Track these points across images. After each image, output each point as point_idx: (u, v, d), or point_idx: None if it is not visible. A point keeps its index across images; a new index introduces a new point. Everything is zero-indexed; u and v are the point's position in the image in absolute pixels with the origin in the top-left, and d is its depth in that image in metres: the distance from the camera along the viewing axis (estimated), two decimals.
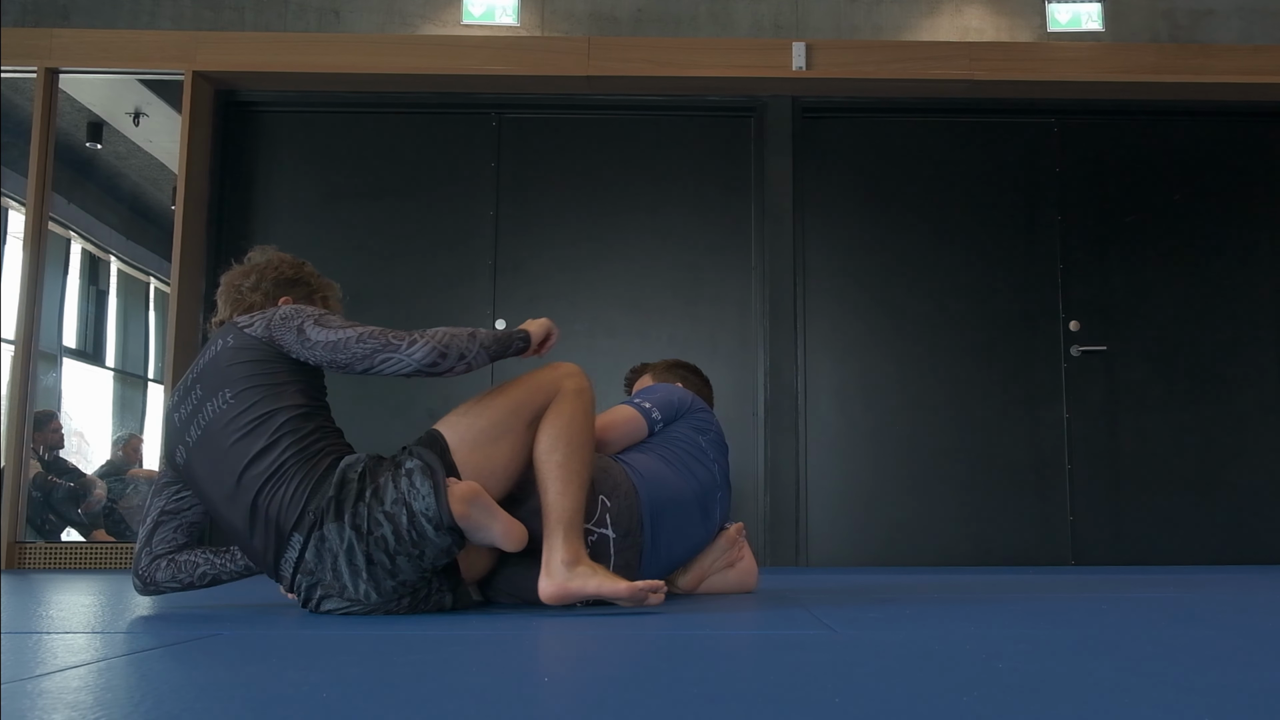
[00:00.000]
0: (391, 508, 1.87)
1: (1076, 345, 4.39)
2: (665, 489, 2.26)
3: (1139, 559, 4.28)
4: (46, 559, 3.97)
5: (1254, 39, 4.59)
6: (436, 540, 1.88)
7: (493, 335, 2.09)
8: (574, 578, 1.93)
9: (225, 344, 2.02)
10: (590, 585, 1.93)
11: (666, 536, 2.25)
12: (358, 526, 1.86)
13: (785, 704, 1.00)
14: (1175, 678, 1.18)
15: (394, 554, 1.87)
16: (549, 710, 0.98)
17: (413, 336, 2.00)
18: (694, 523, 2.34)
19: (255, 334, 2.01)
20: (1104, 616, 1.94)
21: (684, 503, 2.29)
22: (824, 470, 4.33)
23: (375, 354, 1.99)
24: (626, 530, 2.16)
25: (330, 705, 1.00)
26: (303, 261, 2.34)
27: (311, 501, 1.87)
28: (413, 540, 1.87)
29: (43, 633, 1.69)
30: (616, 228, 4.47)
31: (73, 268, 4.36)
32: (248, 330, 2.02)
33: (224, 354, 2.00)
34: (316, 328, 2.00)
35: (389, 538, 1.86)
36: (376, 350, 1.99)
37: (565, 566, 1.94)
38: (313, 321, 2.01)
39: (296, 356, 2.01)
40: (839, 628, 1.72)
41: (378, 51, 4.33)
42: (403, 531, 1.86)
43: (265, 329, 2.01)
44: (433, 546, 1.89)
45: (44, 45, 4.21)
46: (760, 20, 4.61)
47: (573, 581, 1.93)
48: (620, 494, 2.17)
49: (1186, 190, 4.52)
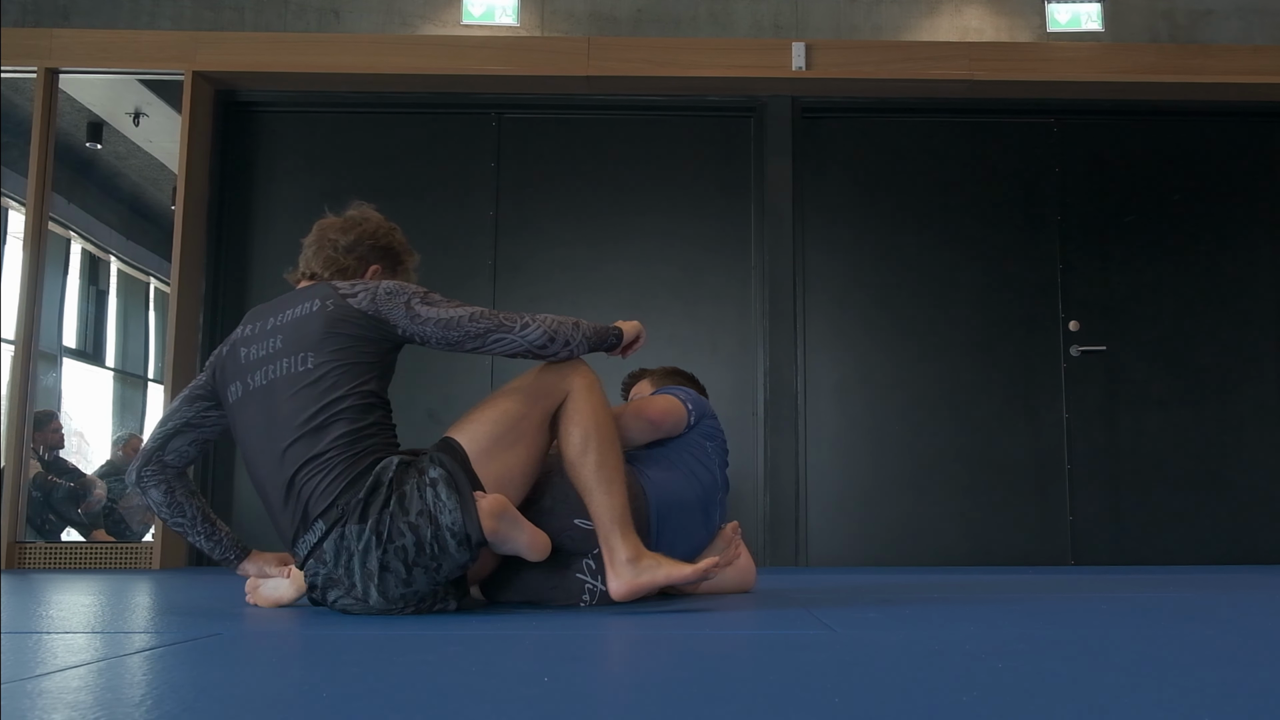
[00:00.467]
0: (416, 519, 1.85)
1: (1076, 345, 4.39)
2: (671, 492, 2.28)
3: (1138, 559, 4.28)
4: (46, 559, 3.97)
5: (1253, 39, 4.59)
6: (457, 555, 1.88)
7: (593, 327, 2.13)
8: (642, 572, 1.98)
9: (325, 307, 2.00)
10: (660, 576, 1.99)
11: (670, 538, 2.27)
12: (379, 532, 1.85)
13: (785, 704, 1.00)
14: (1175, 678, 1.18)
15: (411, 565, 1.87)
16: (549, 710, 0.98)
17: (525, 319, 2.05)
18: (696, 524, 2.36)
19: (360, 306, 2.00)
20: (1103, 616, 1.94)
21: (688, 505, 2.32)
22: (823, 470, 4.33)
23: (488, 334, 2.04)
24: (638, 533, 2.17)
25: (330, 705, 1.00)
26: (394, 227, 2.35)
27: (343, 497, 1.87)
28: (433, 554, 1.86)
29: (43, 633, 1.69)
30: (616, 228, 4.47)
31: (73, 268, 4.36)
32: (351, 300, 2.01)
33: (320, 317, 1.99)
34: (425, 305, 2.03)
35: (409, 548, 1.85)
36: (490, 330, 2.04)
37: (630, 564, 1.99)
38: (419, 299, 2.04)
39: (402, 332, 2.01)
40: (838, 628, 1.72)
41: (377, 51, 4.33)
42: (425, 544, 1.86)
43: (371, 303, 2.01)
44: (451, 561, 1.89)
45: (44, 45, 4.21)
46: (760, 20, 4.61)
47: (641, 576, 1.98)
48: (630, 496, 2.18)
49: (1186, 190, 4.52)
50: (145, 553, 4.00)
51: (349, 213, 2.34)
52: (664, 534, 2.24)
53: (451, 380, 4.28)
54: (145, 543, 4.05)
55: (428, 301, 2.03)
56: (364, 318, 1.99)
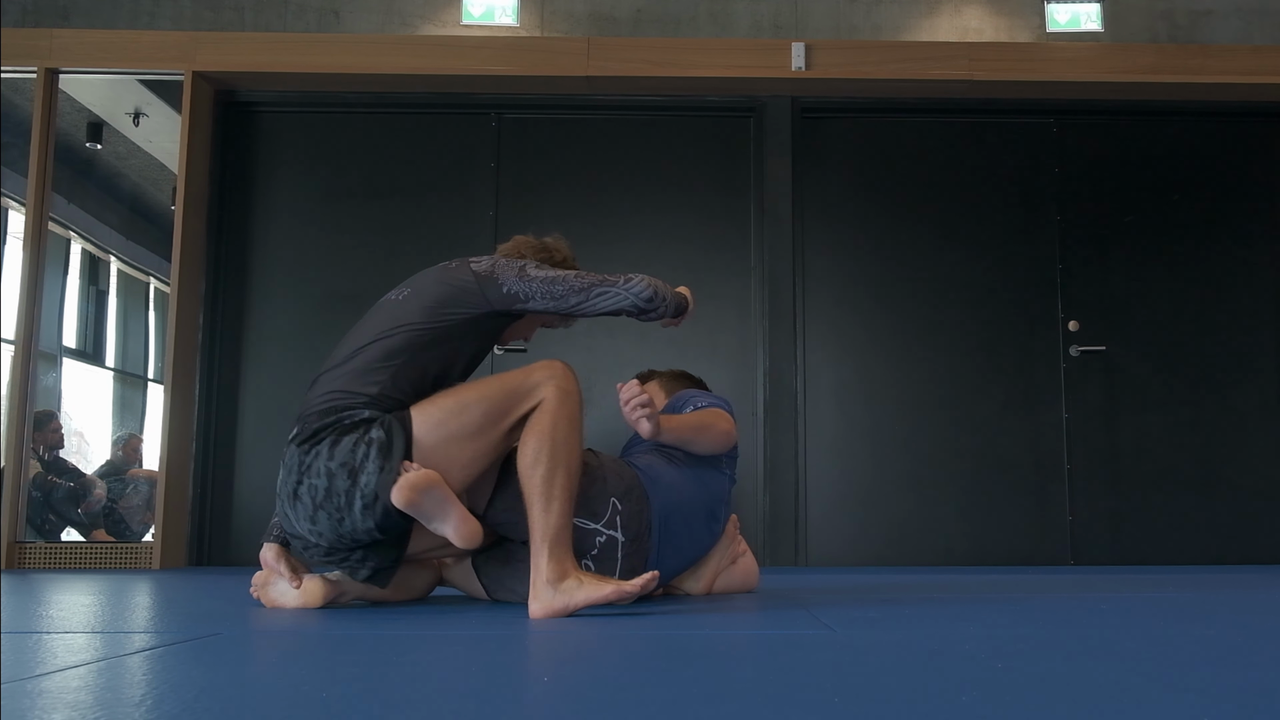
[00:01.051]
0: (337, 468, 1.94)
1: (1075, 345, 4.39)
2: (676, 496, 2.27)
3: (1138, 559, 4.28)
4: (46, 559, 3.97)
5: (1253, 39, 4.59)
6: (360, 517, 1.94)
7: (673, 291, 2.23)
8: (559, 595, 1.94)
9: (448, 265, 2.20)
10: (577, 599, 1.93)
11: (674, 543, 2.27)
12: (302, 462, 1.97)
13: (785, 703, 1.00)
14: (1174, 677, 1.18)
15: (318, 506, 1.96)
16: (549, 710, 0.98)
17: (629, 275, 2.15)
18: (701, 528, 2.36)
19: (478, 269, 2.13)
20: (1103, 616, 1.94)
21: (693, 510, 2.31)
22: (823, 470, 4.33)
23: (592, 288, 2.13)
24: (635, 535, 2.17)
25: (330, 705, 1.00)
26: (571, 254, 2.48)
27: (312, 420, 1.99)
28: (338, 505, 1.94)
29: (43, 633, 1.69)
30: (616, 228, 4.47)
31: (73, 268, 4.36)
32: (473, 264, 2.16)
33: (440, 270, 2.19)
34: (537, 269, 2.14)
35: (319, 489, 1.95)
36: (593, 285, 2.13)
37: (550, 586, 1.94)
38: (534, 265, 2.16)
39: (508, 290, 2.11)
40: (838, 627, 1.73)
41: (377, 52, 4.33)
42: (335, 493, 1.94)
43: (490, 266, 2.14)
44: (354, 519, 1.94)
45: (44, 45, 4.21)
46: (760, 20, 4.62)
47: (557, 600, 1.93)
48: (633, 499, 2.19)
49: (1185, 190, 4.52)
50: (145, 553, 4.00)
51: (545, 237, 2.47)
52: (666, 539, 2.24)
53: None
54: (145, 543, 4.05)
55: (542, 267, 2.16)
56: (476, 278, 2.11)
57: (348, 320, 4.45)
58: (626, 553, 2.16)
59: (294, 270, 4.42)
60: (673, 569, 2.35)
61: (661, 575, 2.28)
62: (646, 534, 2.18)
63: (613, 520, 2.15)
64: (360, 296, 4.35)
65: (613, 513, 2.15)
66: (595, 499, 2.14)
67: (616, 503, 2.16)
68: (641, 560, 2.19)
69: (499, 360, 4.35)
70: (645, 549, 2.19)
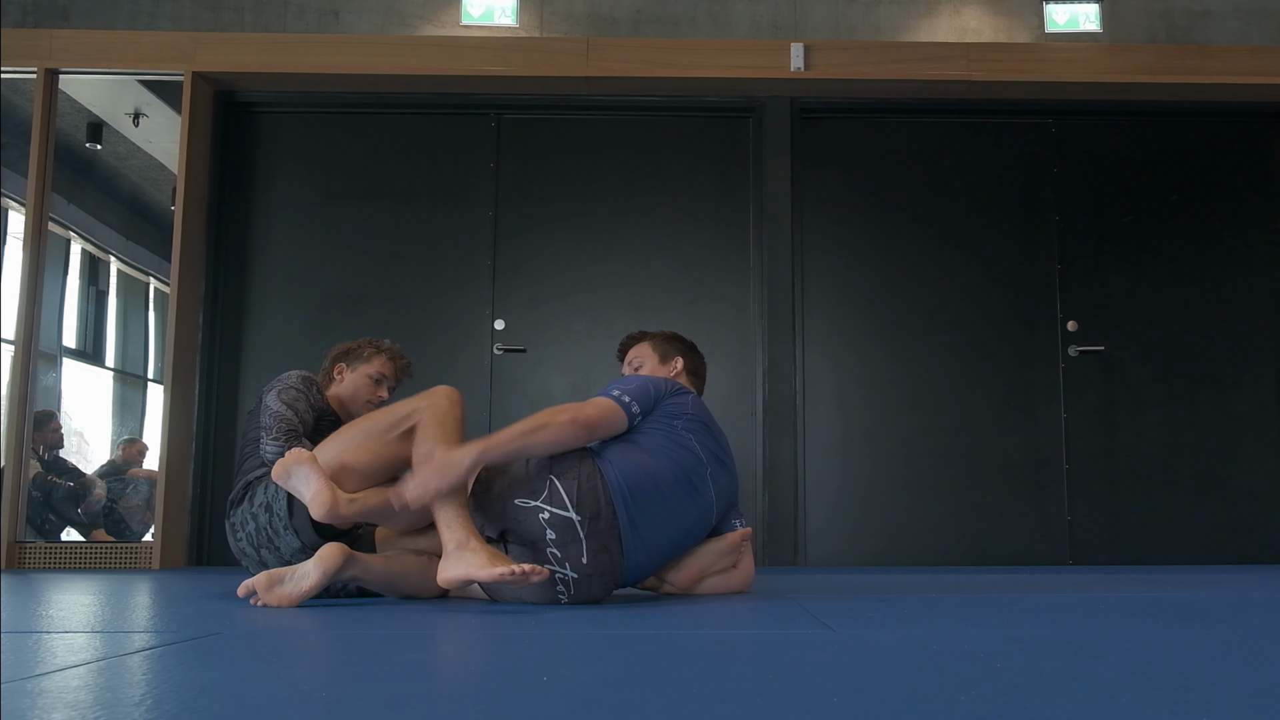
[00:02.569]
0: (257, 509, 2.40)
1: (1074, 345, 4.40)
2: (639, 470, 2.22)
3: (1136, 559, 4.29)
4: (46, 559, 3.97)
5: (1251, 40, 4.60)
6: (286, 537, 2.35)
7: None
8: (459, 563, 2.06)
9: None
10: (475, 571, 2.04)
11: (651, 518, 2.22)
12: (232, 523, 2.46)
13: (784, 703, 1.01)
14: (1172, 677, 1.19)
15: (259, 547, 2.40)
16: (549, 710, 0.98)
17: (276, 438, 2.56)
18: (682, 501, 2.29)
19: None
20: (1101, 616, 1.95)
21: (666, 483, 2.25)
22: (822, 470, 4.33)
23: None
24: (595, 513, 2.14)
25: (330, 705, 1.00)
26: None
27: (234, 493, 2.50)
28: (268, 536, 2.38)
29: (43, 632, 1.70)
30: (615, 228, 4.47)
31: (73, 268, 4.36)
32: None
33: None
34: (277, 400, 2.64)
35: (253, 534, 2.40)
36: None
37: (455, 553, 2.08)
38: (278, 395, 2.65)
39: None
40: (837, 627, 1.73)
41: (377, 52, 4.33)
42: (262, 528, 2.38)
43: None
44: (284, 541, 2.36)
45: (44, 46, 4.21)
46: (759, 21, 4.62)
47: (458, 568, 2.06)
48: (578, 475, 2.17)
49: (1184, 190, 4.52)
50: (145, 552, 4.01)
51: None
52: (639, 514, 2.19)
53: (452, 381, 4.28)
54: (145, 542, 4.05)
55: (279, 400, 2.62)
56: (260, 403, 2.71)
57: (347, 320, 4.48)
58: (591, 531, 2.13)
59: (294, 270, 4.42)
60: (662, 545, 2.29)
61: (649, 553, 2.25)
62: (609, 510, 2.15)
63: (556, 498, 2.14)
64: (360, 296, 4.36)
65: (552, 490, 2.14)
66: (533, 477, 2.18)
67: (555, 480, 2.16)
68: (613, 537, 2.15)
69: (498, 361, 4.35)
70: (613, 526, 2.15)
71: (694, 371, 2.74)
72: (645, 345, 2.74)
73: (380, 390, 2.84)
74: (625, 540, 2.17)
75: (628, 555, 2.19)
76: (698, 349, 2.78)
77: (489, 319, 4.38)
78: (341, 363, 2.85)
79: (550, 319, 4.41)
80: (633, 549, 2.19)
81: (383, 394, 2.84)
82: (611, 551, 2.15)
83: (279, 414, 2.57)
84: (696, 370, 2.75)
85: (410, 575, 2.33)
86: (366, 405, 2.80)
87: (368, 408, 2.79)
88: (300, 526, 2.35)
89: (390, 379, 2.86)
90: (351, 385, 2.82)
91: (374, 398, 2.82)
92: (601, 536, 2.14)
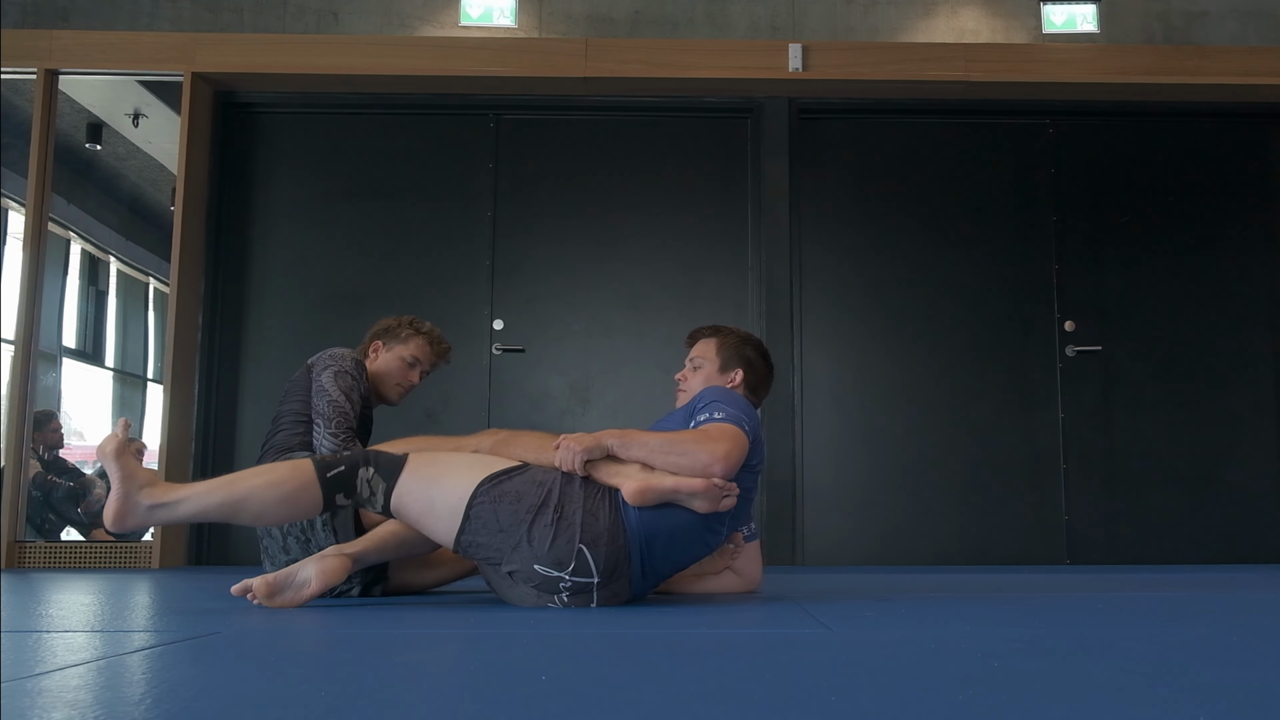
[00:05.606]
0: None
1: (1072, 345, 4.40)
2: (664, 518, 2.12)
3: (1134, 558, 4.29)
4: (46, 558, 3.97)
5: (1248, 40, 4.60)
6: (323, 535, 2.36)
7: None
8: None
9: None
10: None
11: (662, 561, 2.17)
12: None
13: (782, 702, 1.01)
14: (1169, 676, 1.19)
15: (286, 534, 2.42)
16: (548, 710, 0.98)
17: (333, 431, 2.54)
18: (695, 541, 2.21)
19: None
20: (1099, 615, 1.95)
21: (684, 528, 2.15)
22: (820, 470, 4.34)
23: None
24: (613, 569, 2.10)
25: (330, 705, 1.01)
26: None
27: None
28: (301, 528, 2.40)
29: (43, 632, 1.70)
30: (614, 228, 4.47)
31: (72, 268, 4.37)
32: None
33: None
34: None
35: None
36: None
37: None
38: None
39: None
40: (835, 626, 1.73)
41: (376, 53, 4.33)
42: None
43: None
44: (320, 538, 2.36)
45: (44, 46, 4.22)
46: (757, 22, 4.62)
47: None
48: (606, 540, 2.08)
49: (1181, 191, 4.53)
50: (145, 552, 4.01)
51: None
52: (649, 560, 2.14)
53: (450, 382, 4.28)
54: (145, 542, 4.06)
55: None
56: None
57: (346, 320, 4.48)
58: (604, 583, 2.10)
59: (293, 270, 4.42)
60: (665, 575, 2.26)
61: (654, 583, 2.24)
62: (626, 563, 2.10)
63: (582, 567, 2.07)
64: (359, 296, 4.36)
65: (580, 560, 2.06)
66: (562, 548, 2.05)
67: (585, 550, 2.07)
68: (625, 584, 2.13)
69: (496, 361, 4.36)
70: (626, 573, 2.12)
71: (754, 387, 2.49)
72: (711, 344, 2.51)
73: (412, 374, 2.76)
74: (634, 583, 2.15)
75: (634, 590, 2.17)
76: (769, 358, 2.53)
77: (488, 319, 4.39)
78: (379, 340, 2.76)
79: (549, 319, 4.41)
80: (640, 587, 2.18)
81: (414, 379, 2.76)
82: (620, 595, 2.15)
83: (337, 403, 2.48)
84: (758, 386, 2.50)
85: (402, 534, 2.29)
86: (396, 388, 2.74)
87: (396, 390, 2.74)
88: (340, 526, 2.32)
89: (425, 363, 2.78)
90: (385, 365, 2.74)
91: (404, 382, 2.75)
92: (614, 585, 2.12)
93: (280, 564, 2.37)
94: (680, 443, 2.11)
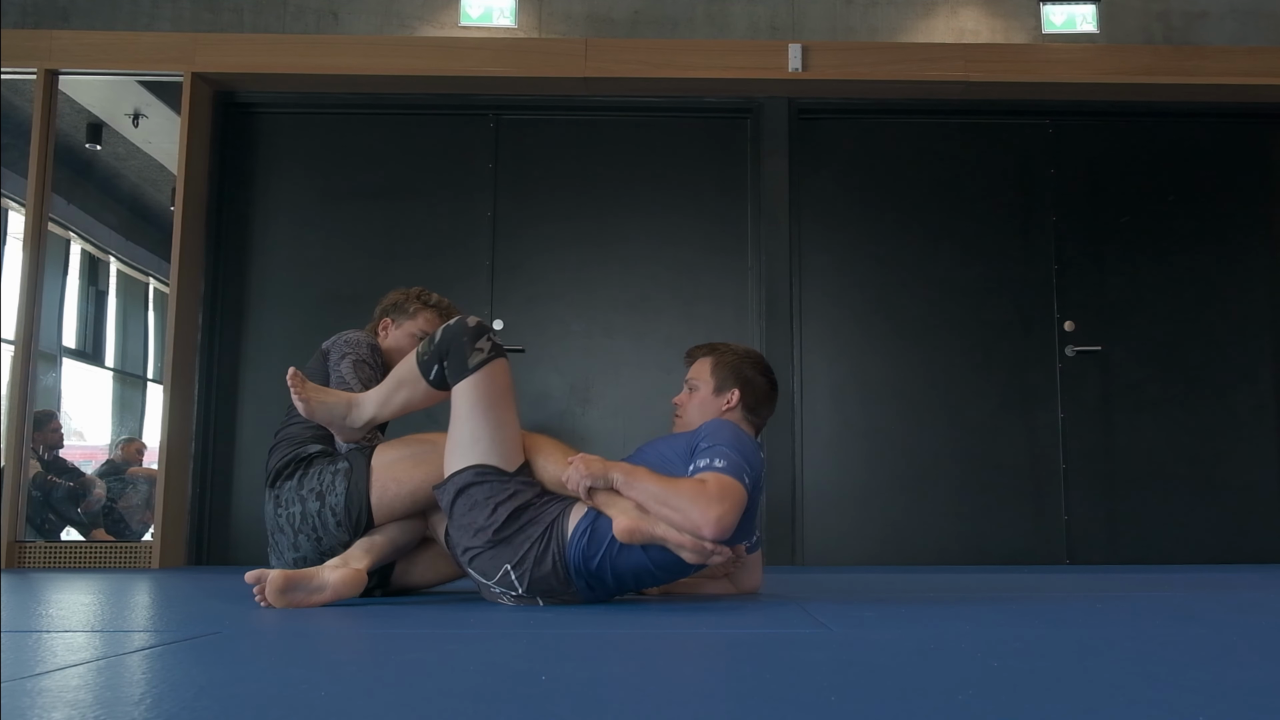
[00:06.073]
0: (306, 493, 2.30)
1: (1071, 345, 4.41)
2: (627, 560, 2.11)
3: (1134, 558, 4.29)
4: (46, 558, 3.97)
5: (1248, 40, 4.60)
6: (337, 534, 2.28)
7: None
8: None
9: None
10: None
11: (618, 582, 2.17)
12: (277, 496, 2.34)
13: (782, 702, 1.01)
14: (1170, 676, 1.19)
15: (297, 530, 2.31)
16: (548, 710, 0.99)
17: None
18: (672, 574, 2.20)
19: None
20: (1099, 616, 1.95)
21: (660, 565, 2.13)
22: (820, 470, 4.34)
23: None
24: (548, 590, 2.14)
25: (329, 704, 1.01)
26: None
27: (273, 466, 2.39)
28: (314, 525, 2.29)
29: (43, 631, 1.70)
30: (614, 228, 4.48)
31: (72, 268, 4.37)
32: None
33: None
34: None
35: (296, 516, 2.30)
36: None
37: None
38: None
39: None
40: (835, 626, 1.73)
41: (376, 53, 4.33)
42: (309, 514, 2.29)
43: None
44: (332, 537, 2.29)
45: (43, 47, 4.22)
46: (756, 22, 4.62)
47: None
48: (531, 563, 2.11)
49: (1181, 191, 4.53)
50: (145, 552, 4.01)
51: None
52: (598, 584, 2.15)
53: None
54: (145, 542, 4.06)
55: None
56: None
57: (346, 320, 4.47)
58: (549, 600, 2.16)
59: (293, 271, 4.42)
60: (616, 594, 2.27)
61: (608, 594, 2.25)
62: (568, 589, 2.14)
63: (506, 579, 2.13)
64: (359, 297, 4.36)
65: (504, 574, 2.13)
66: (489, 561, 2.13)
67: (509, 569, 2.11)
68: (573, 596, 2.18)
69: None
70: (575, 596, 2.17)
71: (753, 407, 2.39)
72: (706, 364, 2.42)
73: None
74: (584, 595, 2.19)
75: (586, 600, 2.21)
76: (770, 375, 2.43)
77: (488, 319, 4.39)
78: (389, 317, 2.71)
79: (549, 319, 4.42)
80: (593, 598, 2.22)
81: None
82: (572, 602, 2.20)
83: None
84: (758, 405, 2.40)
85: (399, 539, 2.35)
86: None
87: None
88: (353, 523, 2.29)
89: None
90: (397, 342, 2.66)
91: None
92: (565, 596, 2.17)
93: (288, 560, 2.32)
94: (678, 495, 2.03)
